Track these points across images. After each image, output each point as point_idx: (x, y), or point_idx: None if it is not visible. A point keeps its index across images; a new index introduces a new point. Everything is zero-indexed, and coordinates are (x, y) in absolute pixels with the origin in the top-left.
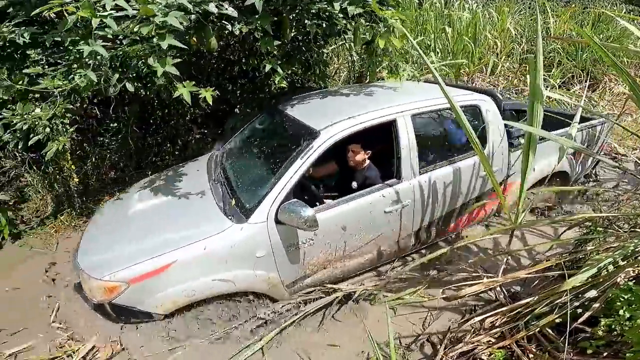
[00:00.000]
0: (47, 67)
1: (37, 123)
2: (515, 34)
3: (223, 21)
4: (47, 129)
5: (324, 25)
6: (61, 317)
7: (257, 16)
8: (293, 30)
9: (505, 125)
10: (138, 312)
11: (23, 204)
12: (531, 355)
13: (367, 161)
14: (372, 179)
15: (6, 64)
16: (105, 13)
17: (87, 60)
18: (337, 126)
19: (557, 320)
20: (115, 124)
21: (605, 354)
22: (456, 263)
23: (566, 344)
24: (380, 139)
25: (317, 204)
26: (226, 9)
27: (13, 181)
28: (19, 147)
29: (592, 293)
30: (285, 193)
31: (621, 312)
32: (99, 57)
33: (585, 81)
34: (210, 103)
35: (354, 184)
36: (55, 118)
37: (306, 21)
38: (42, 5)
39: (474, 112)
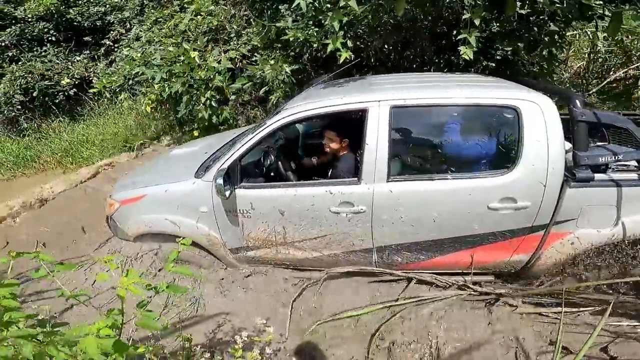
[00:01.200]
0: (290, 22)
1: (267, 77)
2: None
3: None
4: (271, 83)
5: (564, 4)
6: None
7: None
8: (526, 8)
9: (575, 145)
10: (120, 230)
11: None
12: None
13: (345, 151)
14: (337, 169)
15: (263, 17)
16: None
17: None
18: (296, 108)
19: None
20: None
21: None
22: None
23: None
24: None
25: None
26: None
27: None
28: (252, 95)
29: None
30: (231, 160)
31: None
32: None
33: None
34: (350, 58)
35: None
36: (280, 75)
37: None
38: None
39: (507, 116)
